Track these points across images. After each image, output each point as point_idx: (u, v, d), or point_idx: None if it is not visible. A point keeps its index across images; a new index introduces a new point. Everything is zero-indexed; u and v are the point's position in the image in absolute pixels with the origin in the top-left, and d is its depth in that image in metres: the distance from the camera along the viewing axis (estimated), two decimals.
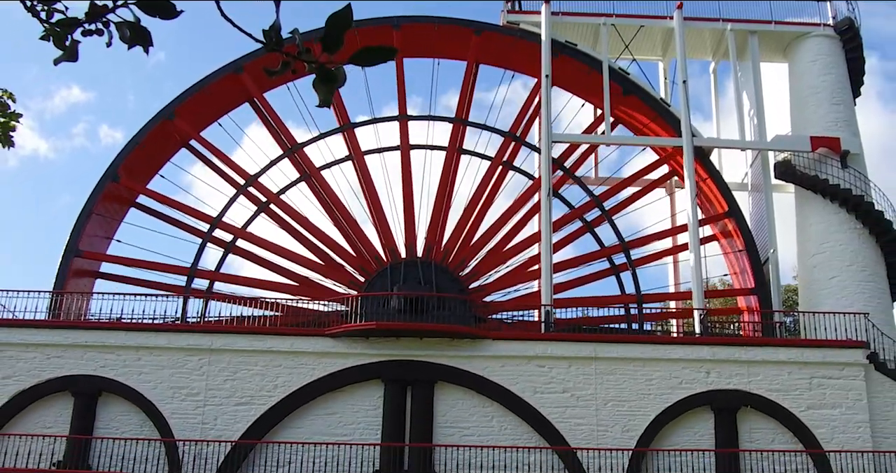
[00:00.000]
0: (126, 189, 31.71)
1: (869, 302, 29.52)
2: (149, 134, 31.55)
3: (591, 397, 26.50)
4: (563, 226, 32.82)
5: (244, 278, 31.90)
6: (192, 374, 26.10)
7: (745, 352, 27.13)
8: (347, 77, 3.75)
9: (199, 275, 31.66)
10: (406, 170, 31.61)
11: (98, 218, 31.08)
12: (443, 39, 33.16)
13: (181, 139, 32.48)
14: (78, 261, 30.25)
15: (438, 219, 31.01)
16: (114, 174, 30.97)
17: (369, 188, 31.57)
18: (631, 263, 32.29)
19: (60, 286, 29.29)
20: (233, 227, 32.14)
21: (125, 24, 3.94)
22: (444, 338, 26.60)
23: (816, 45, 33.55)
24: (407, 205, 31.14)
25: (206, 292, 31.32)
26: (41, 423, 25.44)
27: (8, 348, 25.93)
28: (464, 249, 30.94)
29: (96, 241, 31.61)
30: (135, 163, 31.69)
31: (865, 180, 31.28)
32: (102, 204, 31.09)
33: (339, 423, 26.02)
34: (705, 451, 25.87)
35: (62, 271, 29.68)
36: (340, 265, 30.74)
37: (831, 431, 26.28)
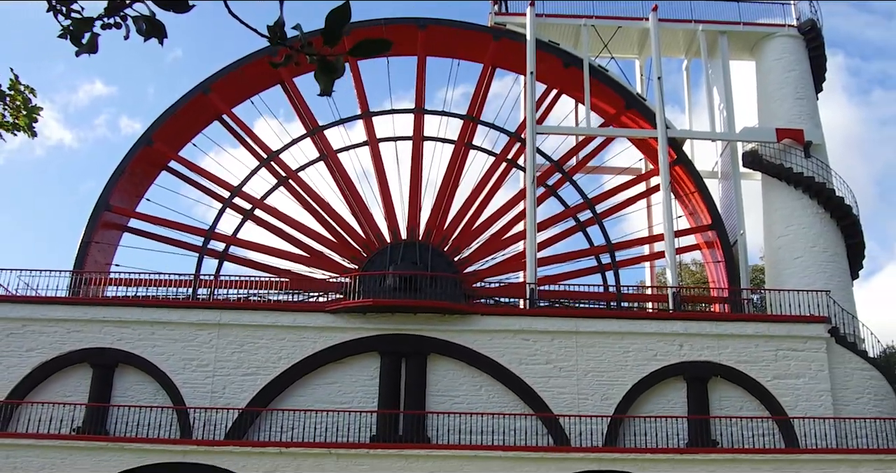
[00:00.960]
0: (159, 153, 31.21)
1: (830, 280, 29.24)
2: (185, 105, 31.10)
3: (573, 368, 26.23)
4: (557, 223, 32.34)
5: (257, 244, 31.30)
6: (203, 347, 25.81)
7: (715, 327, 26.94)
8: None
9: (215, 238, 31.20)
10: (416, 159, 31.15)
11: (129, 177, 30.66)
12: (463, 42, 32.68)
13: (215, 113, 31.94)
14: (107, 215, 29.85)
15: (441, 207, 30.54)
16: (148, 139, 30.60)
17: (347, 182, 31.14)
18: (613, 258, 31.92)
19: (90, 235, 29.17)
20: (252, 197, 31.64)
21: (141, 18, 3.92)
22: (437, 314, 26.33)
23: (781, 45, 33.22)
24: (413, 191, 30.71)
25: (221, 253, 31.02)
26: (62, 392, 25.19)
27: (31, 323, 25.64)
28: (443, 226, 30.44)
29: (126, 198, 31.12)
30: (169, 131, 31.18)
31: (827, 168, 30.98)
32: (135, 165, 30.69)
33: (338, 392, 25.80)
34: (678, 418, 25.69)
35: (92, 221, 29.51)
36: (346, 241, 30.28)
37: (795, 399, 26.09)
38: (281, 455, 23.39)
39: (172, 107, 31.19)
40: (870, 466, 24.02)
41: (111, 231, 30.59)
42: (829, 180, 30.64)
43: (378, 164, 31.22)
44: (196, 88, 31.17)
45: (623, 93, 31.97)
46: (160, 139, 30.96)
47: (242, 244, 31.46)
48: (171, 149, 31.52)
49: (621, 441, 25.32)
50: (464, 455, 23.64)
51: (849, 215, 30.22)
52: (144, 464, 23.18)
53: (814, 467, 23.95)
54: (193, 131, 32.51)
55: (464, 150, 31.61)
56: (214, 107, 31.67)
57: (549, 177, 32.27)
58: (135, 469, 23.12)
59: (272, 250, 30.72)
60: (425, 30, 31.73)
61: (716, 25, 33.25)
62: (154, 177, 32.17)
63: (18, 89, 6.29)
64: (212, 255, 30.94)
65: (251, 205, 31.54)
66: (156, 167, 31.90)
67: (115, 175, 30.03)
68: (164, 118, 31.15)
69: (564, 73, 32.25)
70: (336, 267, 30.03)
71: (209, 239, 30.99)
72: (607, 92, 32.14)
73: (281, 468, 23.30)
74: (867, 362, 27.14)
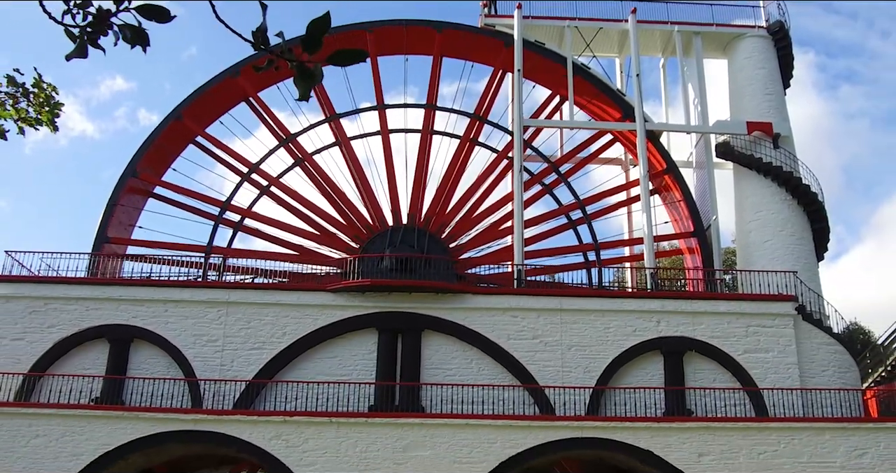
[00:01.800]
0: (187, 128, 30.96)
1: (797, 262, 29.07)
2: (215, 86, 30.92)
3: (557, 343, 26.04)
4: (533, 202, 32.25)
5: (269, 218, 30.95)
6: (212, 323, 25.61)
7: (690, 305, 26.75)
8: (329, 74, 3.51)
9: (231, 209, 30.96)
10: (423, 151, 30.85)
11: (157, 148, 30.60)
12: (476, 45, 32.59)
13: (242, 95, 31.64)
14: (133, 181, 29.73)
15: (441, 196, 30.31)
16: (178, 114, 30.52)
17: (356, 168, 30.85)
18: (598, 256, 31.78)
19: (115, 200, 29.22)
20: (268, 175, 31.37)
21: (126, 27, 3.91)
22: (430, 293, 26.12)
23: (752, 44, 32.99)
24: (390, 180, 30.44)
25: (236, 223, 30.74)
26: (81, 365, 25.00)
27: (53, 301, 25.45)
28: (442, 215, 30.25)
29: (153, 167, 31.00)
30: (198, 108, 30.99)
31: (794, 158, 30.81)
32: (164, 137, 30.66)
33: (338, 365, 25.61)
34: (655, 389, 25.50)
35: (118, 189, 29.50)
36: (335, 234, 30.03)
37: (764, 371, 25.95)
38: (285, 424, 23.18)
39: (203, 86, 30.95)
40: (833, 433, 23.85)
41: (136, 195, 30.42)
42: (796, 169, 30.46)
43: (387, 153, 30.94)
44: (226, 71, 30.89)
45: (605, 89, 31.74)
46: (189, 116, 30.69)
47: (256, 217, 31.05)
48: (198, 125, 31.21)
49: (603, 410, 25.16)
50: (456, 423, 23.42)
51: (814, 202, 30.04)
52: (158, 432, 23.02)
53: (781, 434, 23.78)
54: (221, 110, 32.19)
55: (468, 146, 31.41)
56: (242, 90, 31.33)
57: (546, 176, 32.06)
58: (149, 437, 22.95)
59: (282, 224, 30.41)
60: (441, 33, 31.49)
61: (690, 26, 33.02)
62: (181, 149, 31.81)
63: (42, 87, 6.25)
64: (227, 225, 30.66)
65: (267, 181, 31.24)
66: (183, 140, 31.57)
67: (145, 144, 29.92)
68: (194, 96, 30.95)
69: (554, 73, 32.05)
70: (340, 244, 29.79)
71: (225, 210, 30.74)
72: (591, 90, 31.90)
73: (285, 435, 23.10)
74: (832, 337, 26.99)
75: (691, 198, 30.48)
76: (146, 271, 27.35)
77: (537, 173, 31.76)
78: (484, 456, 23.17)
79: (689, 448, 23.52)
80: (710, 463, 23.47)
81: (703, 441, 23.58)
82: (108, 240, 29.28)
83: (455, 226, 30.44)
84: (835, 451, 23.60)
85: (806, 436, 23.75)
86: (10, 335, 24.98)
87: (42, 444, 22.74)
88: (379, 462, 22.96)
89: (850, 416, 24.76)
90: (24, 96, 6.20)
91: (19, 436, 22.78)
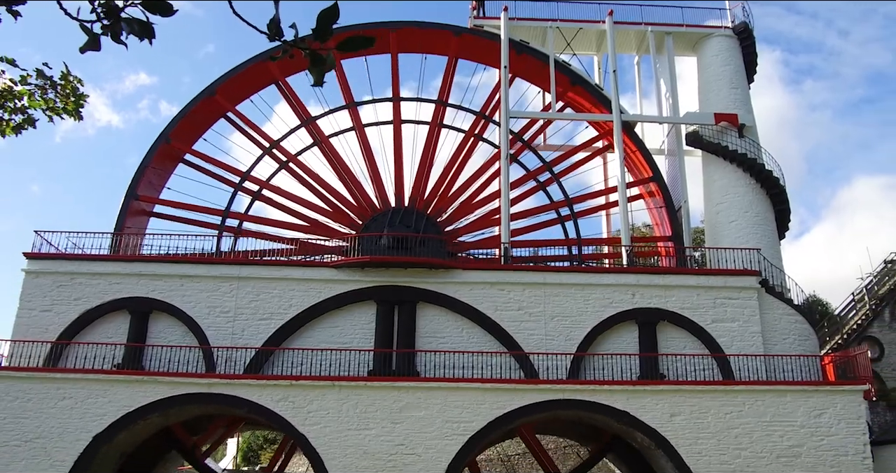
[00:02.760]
0: (176, 149, 30.51)
1: (760, 240, 28.86)
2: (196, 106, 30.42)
3: (541, 313, 25.85)
4: (521, 184, 31.84)
5: (266, 219, 30.78)
6: (225, 296, 25.42)
7: (662, 279, 26.55)
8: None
9: (231, 216, 30.60)
10: (397, 139, 30.52)
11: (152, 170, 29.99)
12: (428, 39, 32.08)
13: (221, 111, 31.25)
14: (135, 203, 29.22)
15: (422, 178, 30.02)
16: (166, 137, 29.92)
17: (368, 152, 30.53)
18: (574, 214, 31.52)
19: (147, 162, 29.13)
20: (259, 180, 31.00)
21: (133, 21, 3.88)
22: (424, 269, 25.90)
23: (719, 43, 32.71)
24: (397, 166, 30.14)
25: (236, 229, 30.29)
26: (104, 334, 24.83)
27: (78, 276, 25.29)
28: (440, 200, 29.97)
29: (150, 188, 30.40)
30: (183, 129, 30.50)
31: (758, 147, 30.56)
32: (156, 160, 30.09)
33: (340, 334, 25.43)
34: (631, 355, 25.32)
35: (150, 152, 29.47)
36: (342, 211, 29.75)
37: (731, 339, 25.79)
38: (291, 387, 23.01)
39: (237, 67, 30.53)
40: (794, 395, 23.70)
41: (140, 217, 30.01)
42: (759, 156, 30.22)
43: (366, 145, 30.60)
44: (203, 92, 30.50)
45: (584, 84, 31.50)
46: (176, 137, 30.33)
47: (271, 188, 30.65)
48: (185, 145, 30.86)
49: (583, 374, 24.97)
50: (448, 386, 23.25)
51: (776, 186, 29.76)
52: (175, 395, 22.87)
53: (746, 396, 23.62)
54: (251, 90, 31.77)
55: (437, 129, 31.02)
56: (272, 73, 30.92)
57: (512, 146, 31.72)
58: (167, 399, 22.80)
59: (279, 223, 30.10)
60: (396, 32, 31.08)
61: (662, 27, 32.70)
62: (172, 169, 31.35)
63: (68, 79, 6.18)
64: (229, 232, 30.25)
65: (258, 186, 30.85)
66: (173, 161, 31.17)
67: (140, 169, 29.48)
68: (228, 75, 30.55)
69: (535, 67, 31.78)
70: (335, 233, 29.44)
71: (226, 218, 30.35)
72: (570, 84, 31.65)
73: (291, 397, 22.94)
74: (792, 308, 26.77)
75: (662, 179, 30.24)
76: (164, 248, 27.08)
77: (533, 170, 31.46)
78: (473, 416, 23.04)
79: (662, 409, 23.38)
80: (682, 423, 23.34)
81: (675, 402, 23.44)
82: (138, 197, 29.11)
83: (438, 202, 29.98)
84: (795, 411, 23.47)
85: (769, 398, 23.59)
86: (40, 307, 24.82)
87: (69, 406, 22.61)
88: (377, 422, 22.81)
89: (810, 380, 24.62)
90: (51, 88, 6.15)
91: (48, 398, 22.66)
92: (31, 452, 22.04)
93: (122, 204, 28.85)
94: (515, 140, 31.68)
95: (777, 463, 22.94)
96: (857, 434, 23.37)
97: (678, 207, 29.80)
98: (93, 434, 22.32)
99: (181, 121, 30.20)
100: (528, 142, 31.87)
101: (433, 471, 22.46)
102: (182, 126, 30.31)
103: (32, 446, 22.12)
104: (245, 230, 30.39)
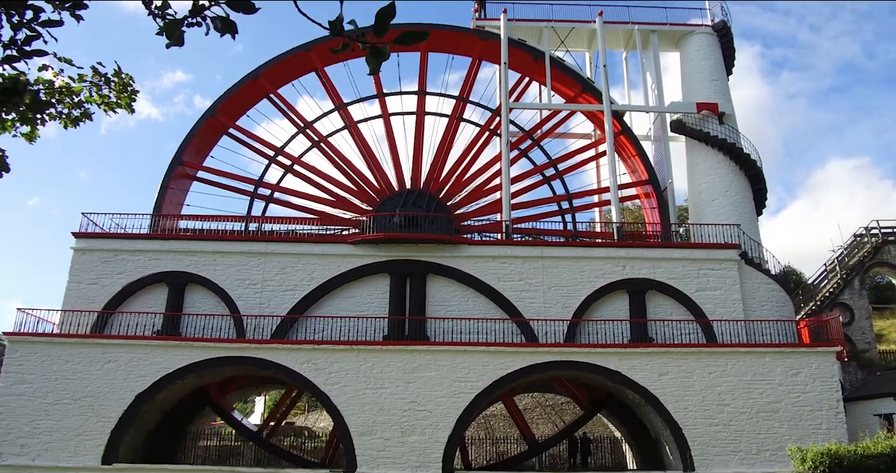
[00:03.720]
0: (221, 122, 30.38)
1: (740, 217, 28.60)
2: (242, 86, 30.30)
3: (540, 284, 25.72)
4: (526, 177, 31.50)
5: (295, 190, 30.41)
6: (253, 270, 25.41)
7: (650, 252, 26.37)
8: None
9: (263, 186, 30.36)
10: (419, 128, 30.24)
11: (198, 140, 29.97)
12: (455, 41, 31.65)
13: (265, 92, 30.93)
14: (180, 168, 29.13)
15: (437, 164, 29.76)
16: (213, 111, 29.89)
17: (390, 139, 30.25)
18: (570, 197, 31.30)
19: (194, 132, 29.12)
20: (291, 156, 30.75)
21: (218, 18, 3.92)
22: (433, 244, 25.81)
23: (699, 40, 32.39)
24: (416, 152, 29.85)
25: (267, 197, 30.13)
26: (145, 304, 24.88)
27: (121, 253, 25.35)
28: (452, 186, 29.61)
29: (195, 155, 30.31)
30: (229, 105, 30.38)
31: (737, 132, 30.26)
32: (203, 130, 29.99)
33: (357, 303, 25.37)
34: (622, 321, 25.18)
35: (198, 124, 29.48)
36: (363, 189, 29.52)
37: (714, 306, 25.60)
38: (314, 351, 22.99)
39: (279, 55, 30.33)
40: (772, 356, 23.51)
41: (184, 180, 29.92)
42: (738, 141, 29.92)
43: (389, 132, 30.39)
44: (250, 74, 30.39)
45: (577, 78, 31.27)
46: (222, 112, 30.22)
47: (283, 190, 30.54)
48: (229, 119, 30.71)
49: (578, 338, 24.83)
50: (456, 350, 23.16)
51: (754, 167, 29.45)
52: (209, 358, 22.89)
53: (728, 357, 23.45)
54: (291, 76, 31.47)
55: (455, 123, 30.77)
56: (263, 88, 30.77)
57: (522, 143, 31.60)
58: (201, 362, 22.83)
59: (306, 195, 29.96)
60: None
61: (648, 26, 32.38)
62: (216, 140, 31.19)
63: (120, 76, 6.24)
64: (260, 199, 30.17)
65: (290, 161, 30.67)
66: (217, 133, 30.98)
67: (187, 138, 29.46)
68: (271, 62, 30.33)
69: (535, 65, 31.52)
70: (355, 208, 29.36)
71: (258, 187, 30.22)
72: (565, 78, 31.44)
73: (314, 360, 22.92)
74: (769, 278, 26.55)
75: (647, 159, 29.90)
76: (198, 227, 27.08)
77: (514, 140, 30.93)
78: (479, 376, 22.96)
79: (651, 369, 23.24)
80: (669, 381, 23.18)
81: (663, 363, 23.29)
82: (182, 163, 28.98)
83: (450, 187, 29.73)
84: (773, 371, 23.28)
85: (749, 359, 23.41)
86: (87, 280, 24.90)
87: (114, 368, 22.69)
88: (392, 382, 22.78)
89: (786, 342, 24.39)
90: (105, 84, 6.19)
91: (95, 362, 22.75)
92: (80, 409, 22.15)
93: (168, 166, 28.71)
94: (526, 137, 31.45)
95: (757, 418, 22.75)
96: (831, 391, 23.16)
97: (664, 188, 29.56)
98: (136, 393, 22.41)
99: (227, 98, 30.04)
100: (537, 140, 31.49)
101: (443, 425, 22.41)
102: (228, 102, 30.17)
103: (81, 404, 22.22)
104: (274, 198, 30.28)
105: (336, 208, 29.40)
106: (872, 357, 29.78)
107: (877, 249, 31.93)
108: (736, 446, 22.41)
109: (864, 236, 32.71)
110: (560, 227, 30.34)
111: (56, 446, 21.77)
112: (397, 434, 22.23)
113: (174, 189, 28.60)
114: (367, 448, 22.06)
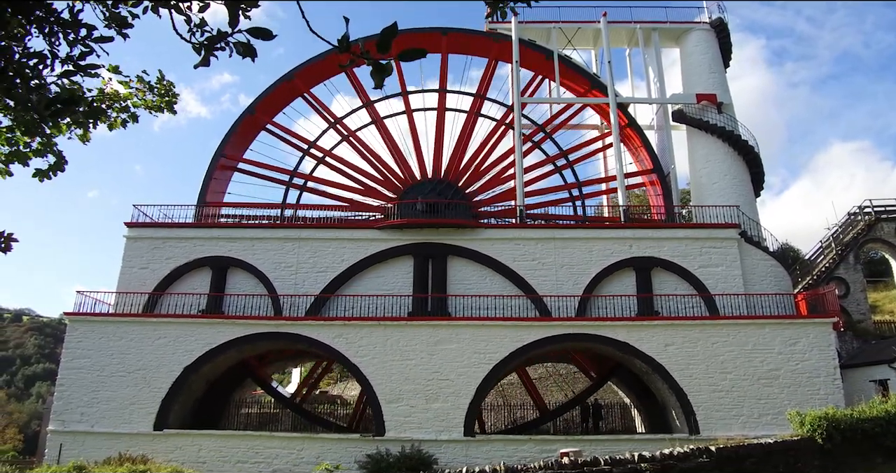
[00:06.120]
0: (259, 119, 29.92)
1: (739, 198, 27.51)
2: (278, 86, 29.83)
3: (552, 263, 24.94)
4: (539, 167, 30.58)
5: (326, 180, 29.82)
6: (288, 254, 24.97)
7: (655, 232, 25.45)
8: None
9: (297, 176, 29.84)
10: (440, 123, 29.53)
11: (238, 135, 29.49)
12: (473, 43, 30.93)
13: (297, 93, 30.39)
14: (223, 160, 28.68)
15: (457, 155, 28.99)
16: (252, 109, 29.50)
17: (413, 133, 29.58)
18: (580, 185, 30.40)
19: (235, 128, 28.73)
20: (323, 148, 30.26)
21: (239, 44, 3.98)
22: (453, 228, 25.16)
23: (698, 36, 31.22)
24: (437, 145, 29.15)
25: (301, 186, 29.62)
26: (191, 286, 24.59)
27: (169, 240, 25.08)
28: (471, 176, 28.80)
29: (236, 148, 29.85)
30: (266, 103, 29.87)
31: (735, 120, 29.12)
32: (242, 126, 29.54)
33: (384, 282, 24.83)
34: (630, 296, 24.32)
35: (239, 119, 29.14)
36: (389, 179, 28.90)
37: (715, 282, 24.63)
38: (345, 326, 22.58)
39: (312, 58, 29.72)
40: (772, 327, 22.67)
41: (226, 171, 29.50)
42: (736, 129, 28.79)
43: (412, 127, 29.73)
44: (285, 75, 29.86)
45: (585, 75, 30.30)
46: (261, 109, 29.78)
47: (315, 180, 30.00)
48: (267, 116, 30.25)
49: (589, 313, 24.07)
50: (475, 324, 22.65)
51: (751, 153, 28.31)
52: (249, 334, 22.63)
53: (730, 329, 22.67)
54: (324, 77, 30.84)
55: (473, 118, 30.03)
56: (298, 88, 30.19)
57: (535, 135, 30.69)
58: (242, 337, 22.59)
59: (337, 184, 29.40)
60: (447, 36, 30.11)
61: (649, 24, 31.26)
62: (254, 136, 30.76)
63: (162, 83, 6.30)
64: (294, 188, 29.71)
65: (322, 153, 30.15)
66: (256, 128, 30.57)
67: (229, 133, 29.09)
68: (305, 64, 29.77)
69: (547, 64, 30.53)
70: (381, 196, 28.77)
71: (293, 177, 29.76)
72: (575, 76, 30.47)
73: (345, 335, 22.52)
74: (768, 255, 25.50)
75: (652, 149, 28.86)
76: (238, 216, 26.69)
77: (529, 132, 30.06)
78: (497, 348, 22.41)
79: (658, 340, 22.51)
80: (674, 351, 22.43)
81: (668, 334, 22.55)
82: (225, 155, 28.61)
83: (469, 177, 28.97)
84: (773, 341, 22.44)
85: (750, 330, 22.60)
86: (138, 265, 24.68)
87: (164, 344, 22.50)
88: (416, 354, 22.30)
89: (785, 314, 23.40)
90: (149, 90, 6.25)
91: (147, 338, 22.57)
92: (133, 380, 21.98)
93: (211, 158, 28.35)
94: (538, 130, 30.57)
95: (758, 384, 21.92)
96: (828, 359, 22.26)
97: (667, 173, 28.54)
98: (183, 365, 22.20)
99: (265, 98, 29.62)
100: (549, 133, 30.65)
101: (463, 393, 21.88)
102: (266, 101, 29.75)
103: (135, 376, 22.04)
104: (308, 187, 29.80)
105: (364, 196, 28.89)
106: (867, 327, 28.61)
107: (870, 226, 30.60)
108: (738, 411, 21.59)
109: (857, 214, 31.38)
110: (571, 213, 29.42)
111: (112, 414, 21.60)
112: (422, 402, 21.72)
113: (217, 179, 28.35)
114: (395, 414, 21.59)
